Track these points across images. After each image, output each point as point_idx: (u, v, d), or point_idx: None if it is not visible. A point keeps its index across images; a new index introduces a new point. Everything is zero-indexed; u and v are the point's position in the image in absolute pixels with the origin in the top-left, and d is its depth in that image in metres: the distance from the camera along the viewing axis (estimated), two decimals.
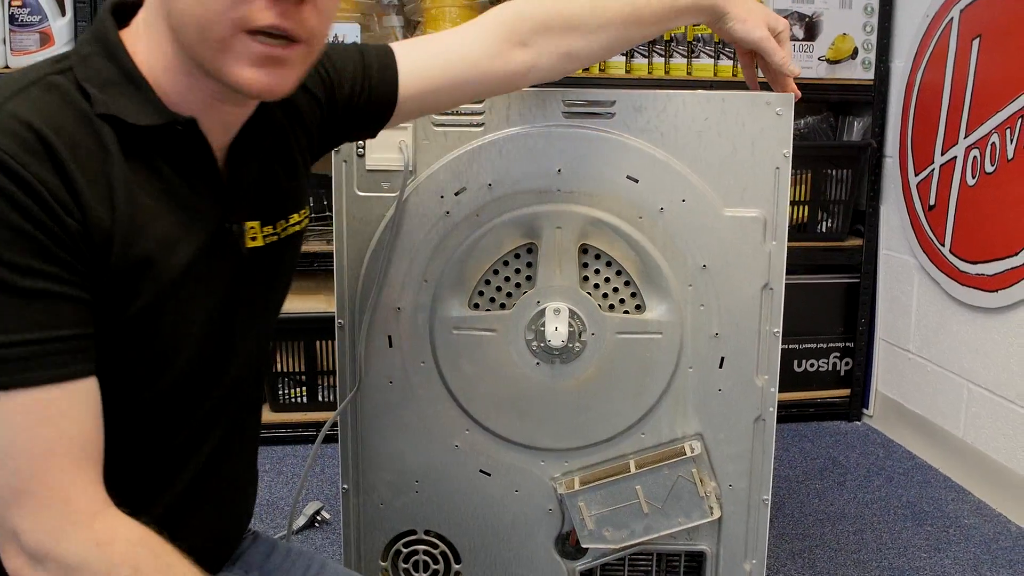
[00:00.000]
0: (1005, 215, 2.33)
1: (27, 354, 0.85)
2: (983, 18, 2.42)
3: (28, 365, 0.86)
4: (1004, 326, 2.37)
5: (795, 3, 2.73)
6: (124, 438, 0.99)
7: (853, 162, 2.85)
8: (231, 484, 1.17)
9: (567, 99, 1.47)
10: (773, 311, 1.54)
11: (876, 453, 2.75)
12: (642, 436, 1.56)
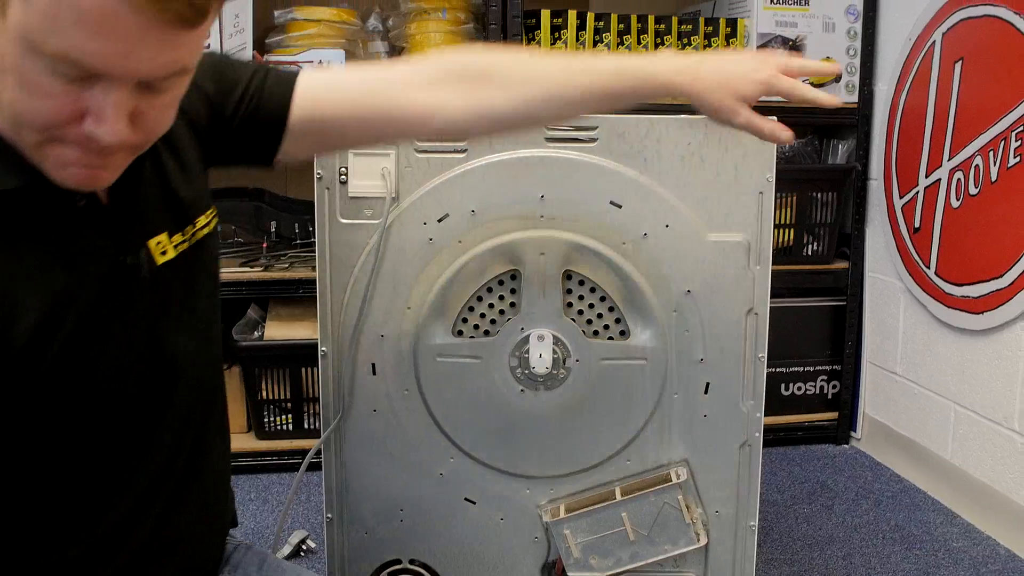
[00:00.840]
0: (990, 237, 2.34)
1: None
2: (965, 41, 2.43)
3: None
4: (990, 348, 2.37)
5: (779, 27, 2.74)
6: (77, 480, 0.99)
7: (838, 185, 2.86)
8: (202, 509, 1.15)
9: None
10: (758, 336, 1.54)
11: (864, 476, 2.74)
12: (628, 463, 1.55)
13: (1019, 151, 2.23)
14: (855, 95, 2.82)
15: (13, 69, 0.83)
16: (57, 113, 0.85)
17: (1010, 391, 2.30)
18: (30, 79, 0.84)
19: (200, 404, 1.14)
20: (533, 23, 2.62)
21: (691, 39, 2.73)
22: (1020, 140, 2.23)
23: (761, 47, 2.72)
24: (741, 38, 2.75)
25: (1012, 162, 2.25)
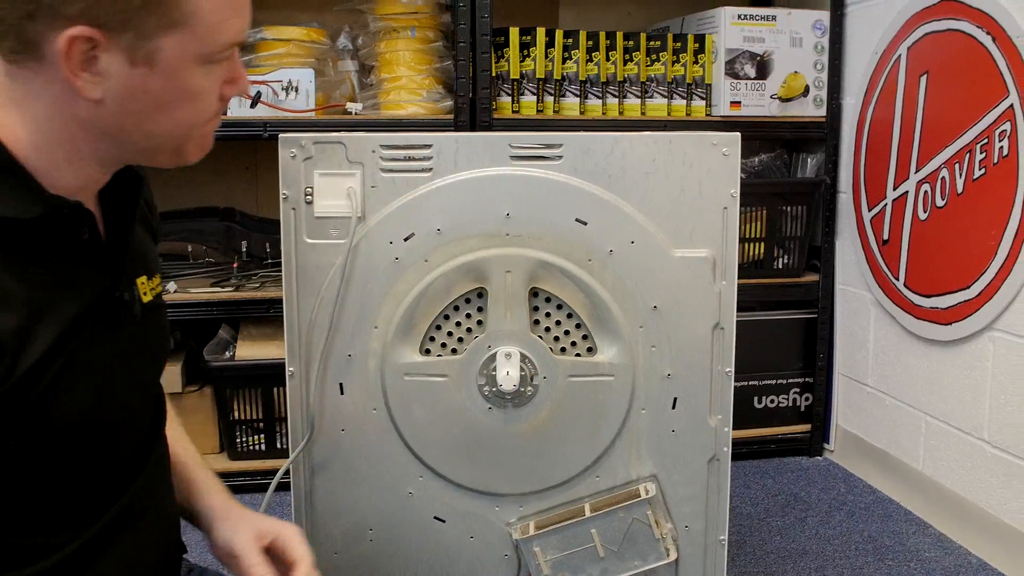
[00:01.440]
0: (957, 248, 2.35)
1: None
2: (930, 55, 2.45)
3: None
4: (959, 358, 2.38)
5: (746, 42, 2.76)
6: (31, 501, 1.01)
7: (807, 198, 2.88)
8: (159, 540, 1.18)
9: (515, 143, 1.48)
10: (725, 350, 1.54)
11: (837, 488, 2.75)
12: (597, 479, 1.55)
13: (984, 163, 2.25)
14: (823, 109, 2.84)
15: (180, 95, 0.98)
16: (214, 99, 1.02)
17: (979, 401, 2.31)
18: (197, 89, 1.00)
19: (163, 438, 1.20)
20: (502, 41, 2.63)
21: (659, 55, 2.74)
22: (985, 152, 2.25)
23: (729, 62, 2.74)
24: (709, 54, 2.77)
25: (977, 174, 2.27)
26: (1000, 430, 2.25)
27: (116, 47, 0.93)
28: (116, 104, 0.96)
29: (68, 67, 0.93)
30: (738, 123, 2.76)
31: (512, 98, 2.64)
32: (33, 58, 0.94)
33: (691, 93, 2.78)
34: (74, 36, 0.91)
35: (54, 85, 0.95)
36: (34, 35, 0.92)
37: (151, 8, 0.92)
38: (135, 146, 1.01)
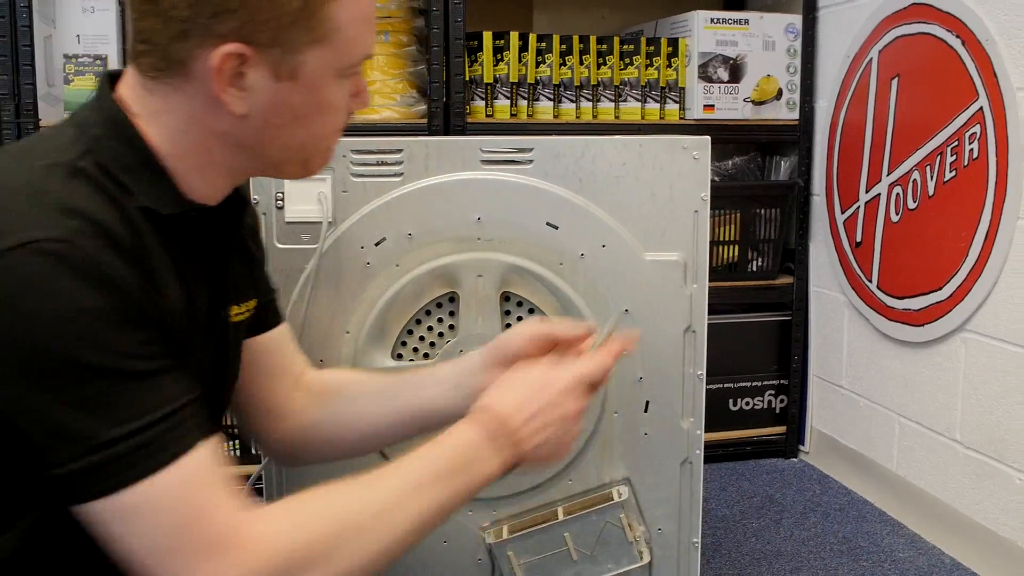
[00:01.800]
0: (928, 250, 2.37)
1: (174, 424, 0.92)
2: (900, 58, 2.47)
3: (176, 435, 0.92)
4: (931, 360, 2.40)
5: (719, 46, 2.77)
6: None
7: (781, 201, 2.89)
8: None
9: (485, 147, 1.48)
10: (696, 353, 1.55)
11: (812, 489, 2.76)
12: (570, 482, 1.56)
13: (954, 165, 2.27)
14: (796, 112, 2.86)
15: (318, 108, 1.03)
16: (344, 112, 1.07)
17: (951, 402, 2.33)
18: (332, 101, 1.05)
19: None
20: (475, 45, 2.63)
21: (633, 59, 2.75)
22: (955, 155, 2.27)
23: (702, 66, 2.75)
24: (682, 58, 2.78)
25: (948, 176, 2.29)
26: (972, 431, 2.27)
27: (263, 63, 0.98)
28: (259, 118, 1.01)
29: (218, 83, 0.97)
30: (712, 126, 2.77)
31: (486, 102, 2.65)
32: (176, 75, 0.99)
33: (665, 97, 2.78)
34: (228, 53, 0.95)
35: (195, 100, 0.99)
36: (182, 53, 0.97)
37: (300, 24, 0.97)
38: (269, 158, 1.06)
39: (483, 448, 1.11)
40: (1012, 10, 2.09)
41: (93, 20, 2.43)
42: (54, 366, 0.87)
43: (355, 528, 1.00)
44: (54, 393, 0.87)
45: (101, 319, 0.89)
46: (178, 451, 0.92)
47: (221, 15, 0.95)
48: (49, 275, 0.87)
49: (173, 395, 0.93)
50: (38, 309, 0.86)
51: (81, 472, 0.89)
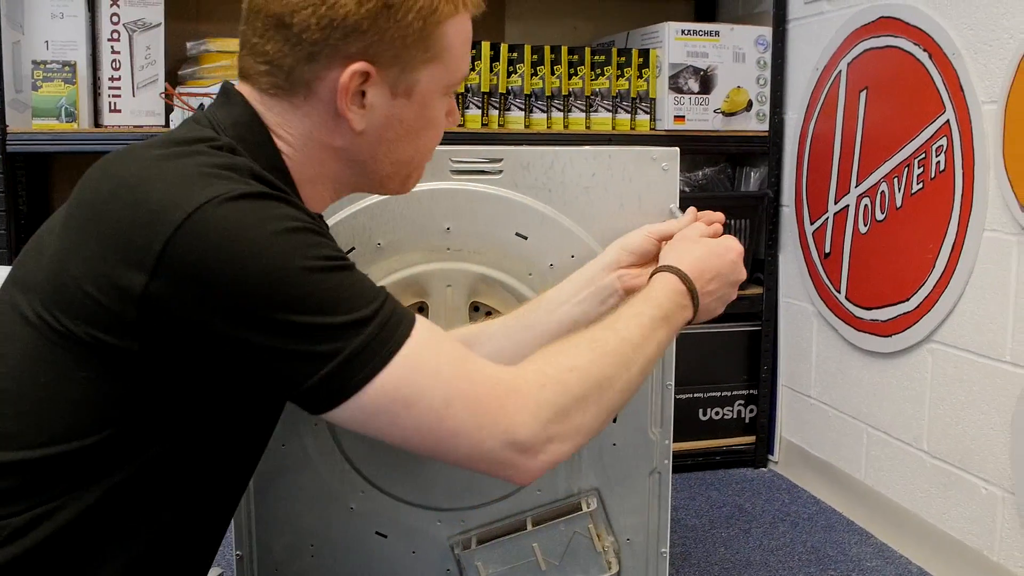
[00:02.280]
0: (896, 262, 2.39)
1: (394, 300, 1.01)
2: (869, 71, 2.49)
3: (401, 309, 1.00)
4: (899, 370, 2.42)
5: (690, 57, 2.78)
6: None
7: (751, 212, 2.90)
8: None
9: (455, 157, 1.48)
10: (666, 364, 1.55)
11: (782, 499, 2.77)
12: (538, 492, 1.56)
13: (922, 178, 2.29)
14: (766, 123, 2.88)
15: (426, 123, 1.13)
16: (441, 130, 1.17)
17: (919, 412, 2.35)
18: (437, 117, 1.14)
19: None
20: None
21: (604, 70, 2.76)
22: (923, 167, 2.29)
23: (673, 77, 2.76)
24: (653, 69, 2.79)
25: (915, 188, 2.31)
26: (939, 441, 2.28)
27: (383, 81, 1.06)
28: (374, 134, 1.09)
29: (343, 101, 1.05)
30: (682, 137, 2.78)
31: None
32: (298, 94, 1.07)
33: (635, 107, 2.80)
34: (355, 71, 1.04)
35: (313, 116, 1.07)
36: (307, 75, 1.05)
37: (419, 44, 1.06)
38: (377, 172, 1.14)
39: (683, 297, 1.26)
40: (978, 25, 2.12)
41: (62, 26, 2.41)
42: (281, 287, 0.92)
43: (609, 377, 1.09)
44: (291, 308, 0.92)
45: (299, 231, 0.95)
46: (412, 320, 0.99)
47: (351, 36, 1.03)
48: (238, 216, 0.93)
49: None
50: (242, 246, 0.92)
51: (344, 364, 0.94)
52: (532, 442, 1.00)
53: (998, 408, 2.09)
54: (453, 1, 1.09)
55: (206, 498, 1.13)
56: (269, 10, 1.04)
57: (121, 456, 0.99)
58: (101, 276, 0.93)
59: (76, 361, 0.96)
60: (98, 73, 2.46)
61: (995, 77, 2.07)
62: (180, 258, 0.91)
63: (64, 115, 2.38)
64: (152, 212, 0.92)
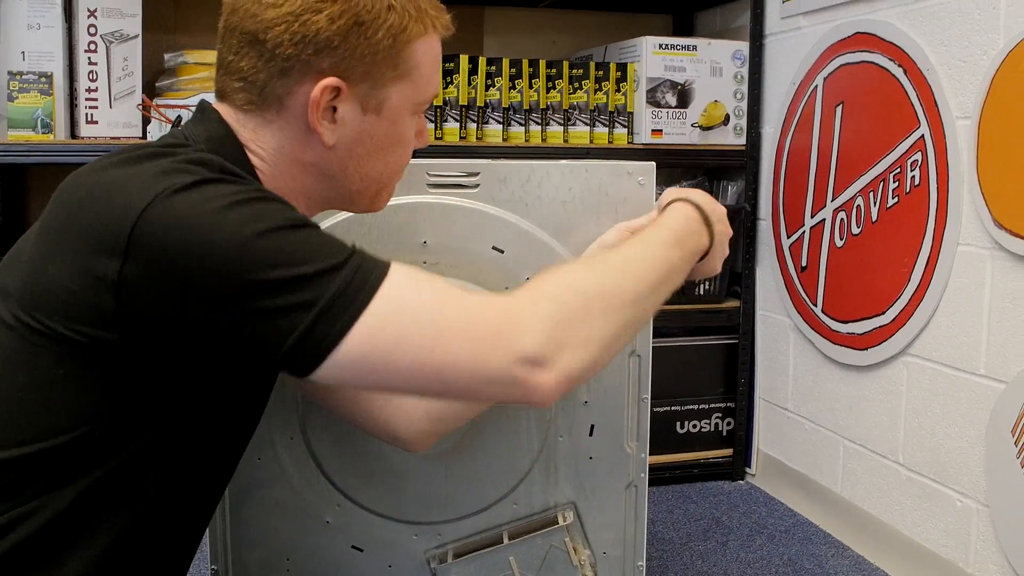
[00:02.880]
0: (872, 275, 2.40)
1: (366, 253, 0.99)
2: (845, 86, 2.51)
3: (372, 256, 0.99)
4: (875, 383, 2.43)
5: (667, 71, 2.80)
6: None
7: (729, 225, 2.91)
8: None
9: (432, 171, 1.48)
10: (641, 377, 1.56)
11: (759, 512, 2.78)
12: (515, 506, 1.56)
13: (897, 192, 2.31)
14: (743, 137, 2.89)
15: (396, 140, 1.16)
16: (411, 148, 1.20)
17: (894, 425, 2.36)
18: (406, 135, 1.17)
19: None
20: None
21: (582, 83, 2.77)
22: (898, 181, 2.31)
23: (651, 91, 2.77)
24: (631, 83, 2.80)
25: (891, 202, 2.33)
26: (914, 453, 2.30)
27: (353, 97, 1.10)
28: (344, 149, 1.12)
29: (314, 115, 1.08)
30: (660, 151, 2.79)
31: (435, 125, 2.65)
32: (270, 109, 1.09)
33: (613, 121, 2.81)
34: (326, 85, 1.07)
35: (285, 131, 1.10)
36: (280, 90, 1.08)
37: (388, 60, 1.09)
38: (347, 187, 1.16)
39: (698, 224, 1.26)
40: (952, 41, 2.14)
41: (39, 37, 2.40)
42: (245, 252, 0.92)
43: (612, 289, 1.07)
44: (258, 268, 0.92)
45: (255, 201, 0.96)
46: (387, 263, 0.98)
47: (323, 52, 1.06)
48: (197, 198, 0.94)
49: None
50: (201, 222, 0.93)
51: (323, 312, 0.93)
52: (542, 351, 0.97)
53: (972, 421, 2.10)
54: (422, 22, 1.12)
55: (185, 496, 1.13)
56: (244, 27, 1.07)
57: (98, 454, 1.00)
58: (79, 270, 0.95)
59: (55, 360, 0.97)
60: (75, 84, 2.45)
61: (969, 93, 2.09)
62: (147, 243, 0.92)
63: (40, 126, 2.37)
64: (120, 205, 0.94)
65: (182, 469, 1.10)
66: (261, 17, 1.06)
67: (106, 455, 1.00)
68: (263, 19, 1.06)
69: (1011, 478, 1.98)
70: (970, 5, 2.09)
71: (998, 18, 2.01)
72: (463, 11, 3.09)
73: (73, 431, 0.98)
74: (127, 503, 1.04)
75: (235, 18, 1.09)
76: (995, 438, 2.02)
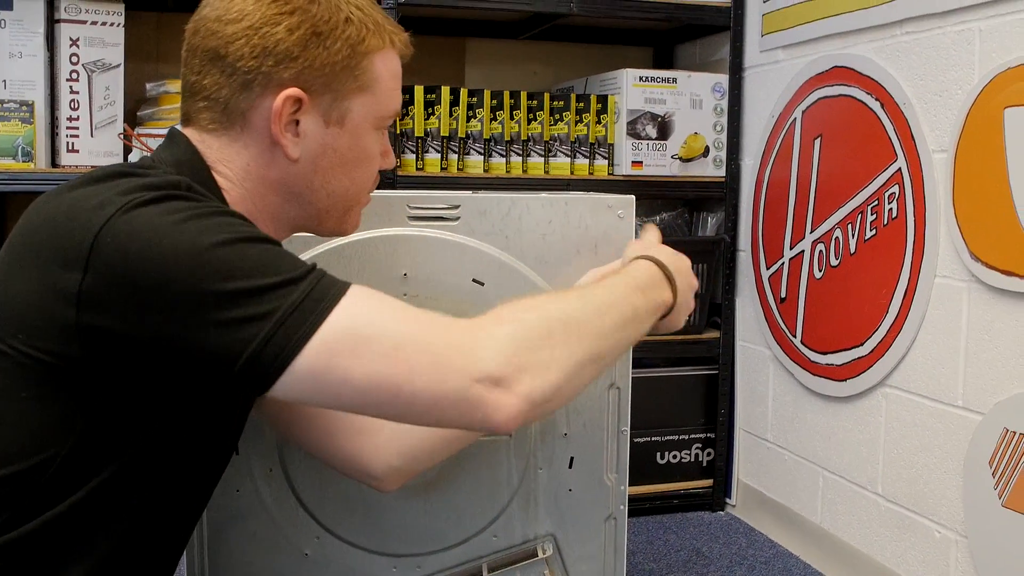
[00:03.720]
0: (850, 307, 2.42)
1: (326, 271, 0.99)
2: (823, 119, 2.53)
3: (336, 278, 0.99)
4: (854, 414, 2.44)
5: (648, 104, 2.82)
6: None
7: (708, 256, 2.93)
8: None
9: (412, 203, 1.49)
10: (621, 409, 1.56)
11: (739, 543, 2.78)
12: (494, 538, 1.55)
13: (875, 224, 2.33)
14: (723, 169, 2.91)
15: (360, 154, 1.17)
16: (376, 166, 1.21)
17: (873, 456, 2.37)
18: (370, 151, 1.19)
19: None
20: (407, 99, 2.65)
21: (563, 115, 2.78)
22: (876, 214, 2.32)
23: (631, 123, 2.79)
24: (612, 114, 2.82)
25: (868, 235, 2.35)
26: (893, 484, 2.30)
27: (316, 109, 1.12)
28: (309, 162, 1.13)
29: (277, 126, 1.10)
30: (640, 182, 2.81)
31: (416, 155, 2.66)
32: (234, 126, 1.11)
33: (594, 152, 2.82)
34: (288, 96, 1.09)
35: (250, 148, 1.12)
36: (243, 104, 1.10)
37: (347, 71, 1.12)
38: (315, 204, 1.16)
39: (661, 278, 1.25)
40: (928, 75, 2.16)
41: (21, 65, 2.40)
42: (200, 264, 0.93)
43: (575, 319, 1.07)
44: (214, 279, 0.93)
45: (213, 215, 0.97)
46: (347, 282, 0.99)
47: (283, 63, 1.08)
48: (154, 213, 0.95)
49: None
50: (158, 236, 0.93)
51: (280, 324, 0.93)
52: (502, 371, 0.97)
53: (950, 452, 2.11)
54: (380, 36, 1.15)
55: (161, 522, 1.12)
56: (205, 46, 1.10)
57: (70, 478, 0.99)
58: (41, 285, 0.95)
59: (19, 380, 0.97)
60: (56, 113, 2.45)
61: (945, 127, 2.11)
62: (107, 254, 0.93)
63: (21, 154, 2.36)
64: (82, 220, 0.95)
65: (156, 494, 1.09)
66: (221, 33, 1.09)
67: (78, 479, 1.00)
68: (223, 35, 1.09)
69: (989, 509, 1.99)
70: (945, 41, 2.12)
71: (973, 53, 2.04)
72: (445, 42, 3.11)
73: (41, 453, 0.97)
74: (102, 528, 1.03)
75: (196, 39, 1.12)
76: (973, 469, 2.03)
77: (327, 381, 0.95)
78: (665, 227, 3.04)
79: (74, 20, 2.42)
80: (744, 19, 2.88)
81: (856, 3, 2.38)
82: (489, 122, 2.72)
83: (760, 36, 2.82)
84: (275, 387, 0.95)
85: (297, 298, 0.94)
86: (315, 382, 0.95)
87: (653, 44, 3.32)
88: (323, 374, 0.94)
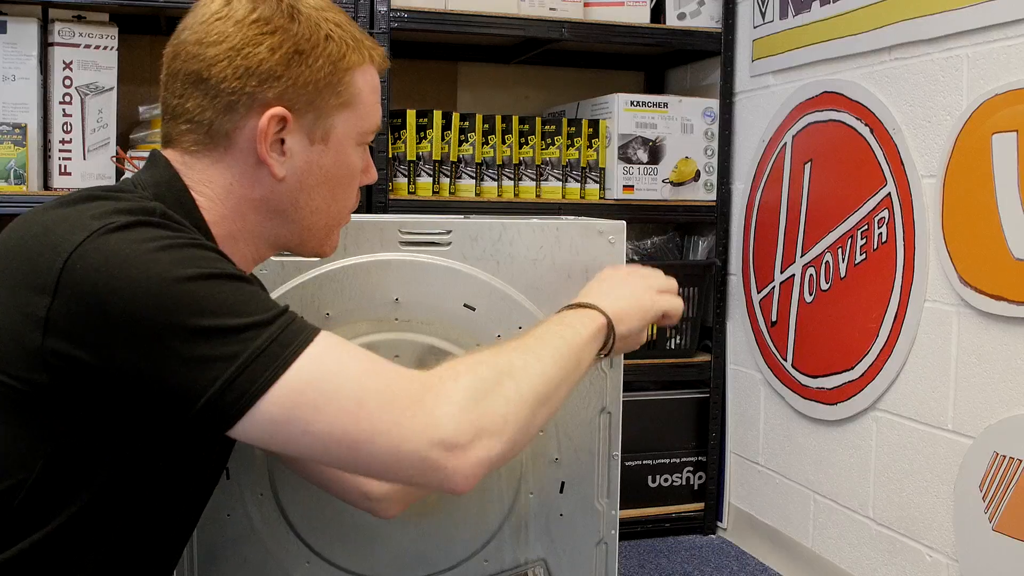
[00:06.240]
0: (841, 331, 2.43)
1: (296, 314, 1.00)
2: (813, 143, 2.55)
3: (301, 321, 0.99)
4: (844, 437, 2.44)
5: (639, 128, 2.83)
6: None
7: (699, 280, 2.94)
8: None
9: (404, 228, 1.49)
10: (612, 434, 1.56)
11: (730, 566, 2.78)
12: (485, 563, 1.55)
13: (865, 248, 2.34)
14: (713, 193, 2.92)
15: (344, 171, 1.18)
16: (357, 183, 1.23)
17: (864, 479, 2.37)
18: (354, 168, 1.20)
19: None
20: (399, 122, 2.66)
21: (555, 139, 2.80)
22: (865, 238, 2.34)
23: (622, 147, 2.80)
24: (603, 139, 2.83)
25: (859, 259, 2.36)
26: (883, 507, 2.31)
27: (300, 127, 1.12)
28: (295, 181, 1.13)
29: (263, 146, 1.10)
30: (631, 206, 2.82)
31: (408, 179, 2.67)
32: (218, 148, 1.11)
33: (585, 177, 2.83)
34: (273, 115, 1.09)
35: (234, 168, 1.11)
36: (227, 125, 1.10)
37: (330, 88, 1.12)
38: (299, 223, 1.16)
39: (601, 334, 1.29)
40: (917, 101, 2.18)
41: (13, 88, 2.41)
42: (168, 297, 0.92)
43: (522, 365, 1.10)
44: (180, 314, 0.92)
45: (186, 247, 0.97)
46: (315, 328, 0.99)
47: (266, 83, 1.08)
48: (126, 240, 0.94)
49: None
50: (127, 265, 0.93)
51: (244, 367, 0.92)
52: (459, 436, 0.98)
53: (941, 476, 2.12)
54: (360, 52, 1.16)
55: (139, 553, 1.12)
56: (187, 68, 1.10)
57: (38, 507, 0.98)
58: (10, 308, 0.95)
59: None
60: (49, 135, 2.45)
61: (934, 153, 2.13)
62: (76, 279, 0.93)
63: (13, 177, 2.36)
64: (54, 243, 0.95)
65: (136, 522, 1.08)
66: (203, 56, 1.09)
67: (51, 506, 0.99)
68: (205, 57, 1.09)
69: (979, 533, 1.99)
70: (934, 67, 2.13)
71: (961, 79, 2.06)
72: (437, 67, 3.12)
73: (8, 479, 0.97)
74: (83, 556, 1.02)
75: (177, 63, 1.11)
76: (963, 493, 2.04)
77: (287, 431, 0.95)
78: (656, 251, 3.05)
79: (67, 43, 2.43)
80: (735, 44, 2.90)
81: (845, 29, 2.40)
82: (481, 146, 2.73)
83: (751, 61, 2.83)
84: (234, 430, 0.95)
85: (263, 343, 0.94)
86: (275, 429, 0.95)
87: (644, 69, 3.34)
88: (283, 424, 0.94)
